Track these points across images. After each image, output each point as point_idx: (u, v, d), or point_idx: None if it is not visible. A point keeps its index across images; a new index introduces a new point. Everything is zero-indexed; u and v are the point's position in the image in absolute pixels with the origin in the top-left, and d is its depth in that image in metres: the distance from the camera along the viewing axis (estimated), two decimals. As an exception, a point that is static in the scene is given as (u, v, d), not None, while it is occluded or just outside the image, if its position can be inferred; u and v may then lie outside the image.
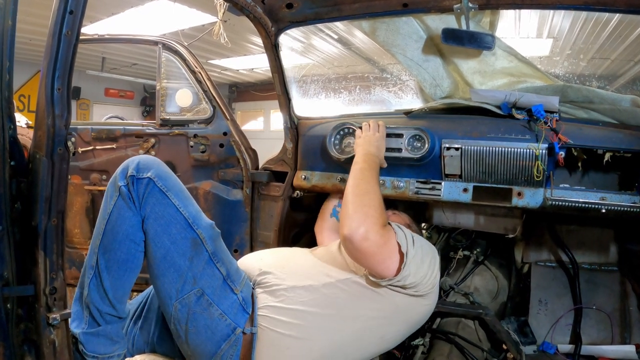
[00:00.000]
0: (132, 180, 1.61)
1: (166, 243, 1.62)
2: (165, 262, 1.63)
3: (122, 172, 1.64)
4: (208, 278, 1.65)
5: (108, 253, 1.62)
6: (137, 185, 1.61)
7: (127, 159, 1.69)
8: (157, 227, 1.62)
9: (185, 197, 1.69)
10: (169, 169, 1.72)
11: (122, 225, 1.61)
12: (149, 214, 1.62)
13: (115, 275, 1.62)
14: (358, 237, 1.58)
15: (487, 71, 2.36)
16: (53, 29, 1.34)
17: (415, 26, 2.34)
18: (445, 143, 2.24)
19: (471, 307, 2.36)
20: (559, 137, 2.04)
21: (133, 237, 1.62)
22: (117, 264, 1.62)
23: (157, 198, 1.62)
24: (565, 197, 2.08)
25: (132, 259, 1.64)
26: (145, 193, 1.61)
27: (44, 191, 1.34)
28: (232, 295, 1.67)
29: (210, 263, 1.67)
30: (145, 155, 1.74)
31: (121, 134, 3.05)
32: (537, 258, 2.53)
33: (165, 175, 1.66)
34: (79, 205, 3.16)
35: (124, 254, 1.62)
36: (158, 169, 1.65)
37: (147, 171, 1.63)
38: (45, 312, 1.35)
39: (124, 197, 1.61)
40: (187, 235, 1.64)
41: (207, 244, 1.67)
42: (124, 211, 1.61)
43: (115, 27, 6.94)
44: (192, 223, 1.65)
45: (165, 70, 2.97)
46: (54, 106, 1.35)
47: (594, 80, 2.94)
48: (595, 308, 2.34)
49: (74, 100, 11.29)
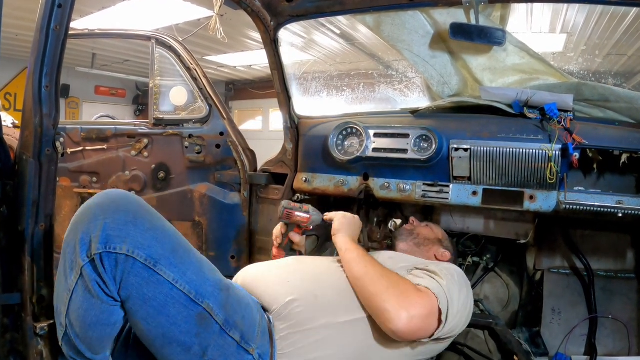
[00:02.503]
0: (99, 258, 1.26)
1: (164, 324, 1.35)
2: (164, 339, 1.38)
3: (82, 240, 1.27)
4: (219, 349, 1.45)
5: (78, 328, 1.35)
6: (110, 264, 1.27)
7: (83, 206, 1.33)
8: (148, 310, 1.33)
9: (180, 259, 1.37)
10: (149, 209, 1.39)
11: (90, 311, 1.32)
12: (136, 297, 1.31)
13: (90, 342, 1.38)
14: (404, 323, 1.52)
15: (498, 68, 2.35)
16: (41, 24, 1.34)
17: (422, 21, 2.34)
18: (454, 144, 2.24)
19: (481, 317, 2.35)
20: (573, 138, 2.04)
21: (107, 322, 1.35)
22: (90, 339, 1.37)
23: (143, 277, 1.30)
24: (579, 201, 2.08)
25: (107, 336, 1.40)
26: (125, 274, 1.28)
27: (31, 194, 1.34)
28: (247, 356, 1.50)
29: (222, 333, 1.44)
30: (108, 198, 1.34)
31: (112, 134, 3.05)
32: (550, 265, 2.53)
33: (147, 237, 1.31)
34: (68, 209, 3.16)
35: (97, 333, 1.36)
36: (135, 231, 1.30)
37: (122, 241, 1.27)
38: (32, 322, 1.36)
39: (87, 281, 1.28)
40: (190, 312, 1.37)
41: (217, 315, 1.42)
42: (89, 297, 1.30)
43: (106, 22, 6.94)
44: (195, 297, 1.37)
45: (158, 67, 2.97)
46: (42, 105, 1.35)
47: (610, 77, 2.93)
48: (611, 317, 2.33)
49: (62, 99, 11.30)
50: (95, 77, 11.75)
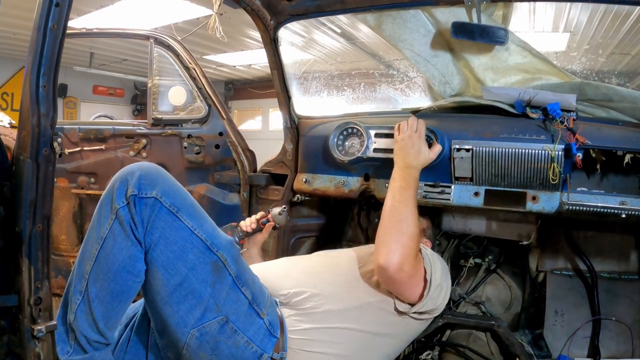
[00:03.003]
0: (134, 200, 1.45)
1: (182, 270, 1.50)
2: (181, 290, 1.51)
3: (120, 188, 1.48)
4: (232, 304, 1.58)
5: (100, 282, 1.49)
6: (140, 208, 1.46)
7: (123, 168, 1.53)
8: (169, 254, 1.49)
9: (198, 214, 1.58)
10: (175, 179, 1.59)
11: (119, 256, 1.47)
12: (158, 240, 1.48)
13: (108, 306, 1.50)
14: (393, 267, 1.66)
15: (500, 67, 2.35)
16: (38, 23, 1.34)
17: (423, 20, 2.34)
18: (455, 144, 2.24)
19: (483, 319, 2.35)
20: (576, 138, 2.04)
21: (131, 269, 1.49)
22: (111, 295, 1.50)
23: (167, 221, 1.49)
24: (582, 202, 2.08)
25: (127, 290, 1.52)
26: (152, 216, 1.47)
27: (29, 195, 1.34)
28: (258, 320, 1.62)
29: (235, 287, 1.59)
30: (145, 163, 1.56)
31: (110, 135, 3.06)
32: (552, 266, 2.53)
33: (173, 190, 1.53)
34: (65, 210, 3.16)
35: (119, 285, 1.49)
36: (164, 183, 1.51)
37: (152, 188, 1.48)
38: (29, 324, 1.35)
39: (121, 222, 1.46)
40: (206, 259, 1.54)
41: (230, 267, 1.58)
42: (121, 240, 1.47)
43: (104, 21, 6.95)
44: (210, 245, 1.55)
45: (157, 66, 2.98)
46: (39, 104, 1.35)
47: (613, 77, 2.94)
48: (614, 319, 2.33)
49: (60, 98, 11.31)
50: (93, 77, 11.77)
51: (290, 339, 1.67)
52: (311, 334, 1.69)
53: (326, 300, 1.76)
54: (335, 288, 1.82)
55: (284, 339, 1.66)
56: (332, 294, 1.79)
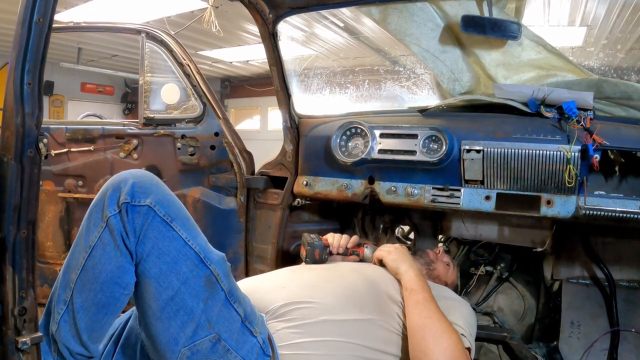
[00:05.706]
0: (126, 208, 1.46)
1: (175, 283, 1.50)
2: (173, 304, 1.51)
3: (112, 196, 1.48)
4: (225, 321, 1.58)
5: (86, 292, 1.49)
6: (133, 216, 1.46)
7: (114, 175, 1.53)
8: (162, 266, 1.49)
9: (192, 226, 1.59)
10: (169, 189, 1.60)
11: (107, 266, 1.47)
12: (151, 251, 1.48)
13: (93, 317, 1.51)
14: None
15: (513, 64, 2.36)
16: (22, 16, 1.34)
17: (431, 13, 2.34)
18: (465, 145, 2.24)
19: (495, 330, 2.35)
20: (593, 138, 2.04)
21: (119, 281, 1.49)
22: (96, 306, 1.50)
23: (160, 231, 1.49)
24: (600, 206, 2.08)
25: (114, 302, 1.52)
26: (145, 225, 1.47)
27: (12, 199, 1.34)
28: (251, 338, 1.62)
29: (227, 304, 1.59)
30: (139, 171, 1.57)
31: (99, 135, 3.05)
32: (568, 274, 2.52)
33: (167, 199, 1.53)
34: (51, 215, 3.16)
35: (106, 297, 1.49)
36: (158, 192, 1.52)
37: (146, 196, 1.48)
38: (13, 336, 1.35)
39: (112, 231, 1.46)
40: (200, 272, 1.54)
41: (223, 282, 1.59)
42: (110, 249, 1.47)
43: (92, 14, 6.95)
44: (204, 258, 1.55)
45: (149, 62, 2.97)
46: (24, 103, 1.35)
47: (632, 73, 2.94)
48: (634, 331, 2.33)
49: (46, 97, 11.35)
50: (81, 74, 11.78)
51: (282, 355, 1.66)
52: (306, 347, 1.68)
53: (324, 310, 1.76)
54: (337, 299, 1.82)
55: (275, 357, 1.65)
56: (332, 305, 1.79)
